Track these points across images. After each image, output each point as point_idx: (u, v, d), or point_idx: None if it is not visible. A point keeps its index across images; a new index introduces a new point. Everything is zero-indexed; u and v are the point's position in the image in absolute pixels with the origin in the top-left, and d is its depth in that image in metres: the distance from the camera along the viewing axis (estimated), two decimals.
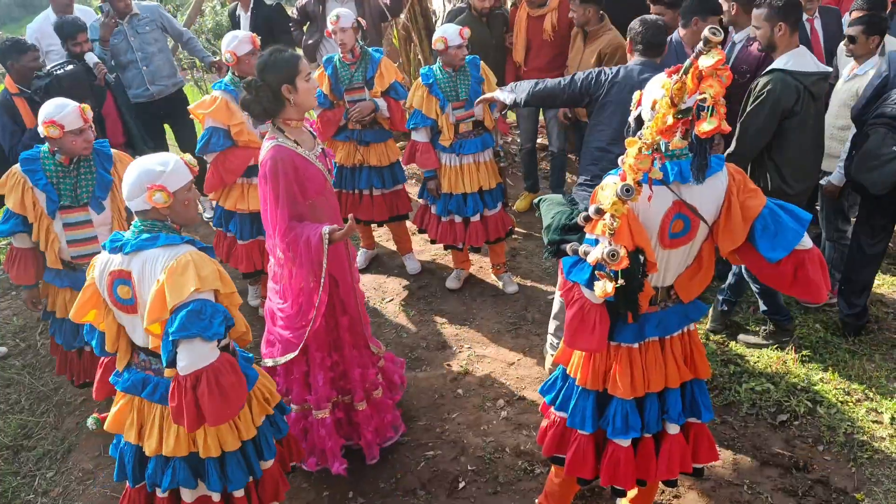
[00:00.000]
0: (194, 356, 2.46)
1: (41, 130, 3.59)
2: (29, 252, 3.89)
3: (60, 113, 3.58)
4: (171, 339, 2.44)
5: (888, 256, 5.45)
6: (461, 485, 3.68)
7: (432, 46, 4.87)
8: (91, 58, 5.12)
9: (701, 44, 2.18)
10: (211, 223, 4.99)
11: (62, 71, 4.88)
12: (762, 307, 4.47)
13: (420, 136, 4.96)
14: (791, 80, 3.78)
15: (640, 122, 2.57)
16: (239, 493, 2.88)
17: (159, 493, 2.86)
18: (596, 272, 2.41)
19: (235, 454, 2.81)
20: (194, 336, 2.43)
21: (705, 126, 2.24)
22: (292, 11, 6.56)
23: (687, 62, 2.25)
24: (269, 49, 3.20)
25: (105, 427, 2.90)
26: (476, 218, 5.10)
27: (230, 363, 2.58)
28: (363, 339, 3.64)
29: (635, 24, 3.82)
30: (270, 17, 6.50)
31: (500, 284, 5.46)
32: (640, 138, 2.35)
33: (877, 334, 4.61)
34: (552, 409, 3.00)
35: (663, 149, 2.42)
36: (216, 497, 2.86)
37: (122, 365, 2.82)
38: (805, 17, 4.77)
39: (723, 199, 2.56)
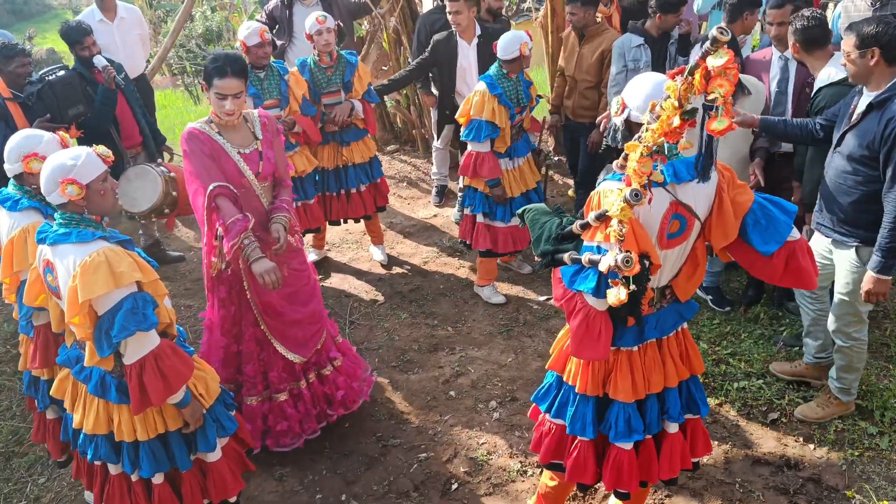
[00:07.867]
0: (137, 347, 2.66)
1: (21, 167, 3.20)
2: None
3: (40, 144, 3.20)
4: (115, 341, 2.60)
5: None
6: (454, 487, 3.69)
7: (507, 55, 4.72)
8: (100, 61, 5.07)
9: (708, 43, 2.21)
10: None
11: (54, 77, 4.86)
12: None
13: (483, 147, 4.85)
14: None
15: (628, 126, 2.58)
16: (157, 480, 2.97)
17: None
18: (609, 280, 2.40)
19: (148, 443, 2.89)
20: (134, 332, 2.60)
21: (716, 125, 2.27)
22: (261, 16, 6.56)
23: (692, 62, 2.27)
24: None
25: (51, 392, 3.10)
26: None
27: (170, 347, 2.77)
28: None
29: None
30: None
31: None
32: (640, 141, 2.36)
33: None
34: (547, 416, 2.97)
35: (666, 151, 2.43)
36: (134, 477, 2.96)
37: (70, 342, 2.96)
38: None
39: (714, 197, 2.59)
